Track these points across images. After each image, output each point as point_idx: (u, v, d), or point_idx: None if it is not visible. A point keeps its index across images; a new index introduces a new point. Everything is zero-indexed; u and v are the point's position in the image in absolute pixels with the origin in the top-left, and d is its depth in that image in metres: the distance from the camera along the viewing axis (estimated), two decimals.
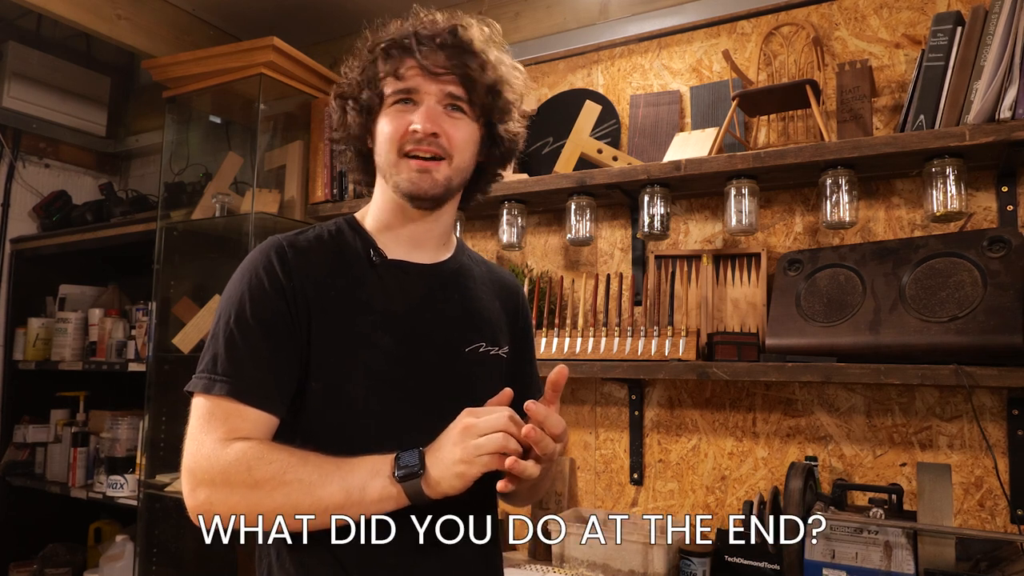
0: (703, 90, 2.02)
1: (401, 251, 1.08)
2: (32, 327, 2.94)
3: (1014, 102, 1.45)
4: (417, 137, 1.00)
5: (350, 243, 1.07)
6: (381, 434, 1.00)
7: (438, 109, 1.02)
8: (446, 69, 1.02)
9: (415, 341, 1.04)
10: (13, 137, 3.02)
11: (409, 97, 1.02)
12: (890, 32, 1.82)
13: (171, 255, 2.45)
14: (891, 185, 1.79)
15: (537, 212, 2.25)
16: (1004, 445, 1.60)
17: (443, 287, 1.10)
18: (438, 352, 1.06)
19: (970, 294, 1.48)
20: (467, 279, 1.15)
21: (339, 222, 1.11)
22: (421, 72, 1.01)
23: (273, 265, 1.00)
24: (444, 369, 1.06)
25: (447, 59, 1.02)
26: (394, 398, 1.01)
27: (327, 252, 1.05)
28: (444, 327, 1.08)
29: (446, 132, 1.02)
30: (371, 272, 1.05)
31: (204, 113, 2.67)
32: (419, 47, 1.01)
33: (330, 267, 1.03)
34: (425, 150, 1.01)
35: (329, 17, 2.54)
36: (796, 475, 1.47)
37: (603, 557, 1.78)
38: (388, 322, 1.03)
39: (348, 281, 1.03)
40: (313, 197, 2.42)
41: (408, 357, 1.03)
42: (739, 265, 1.91)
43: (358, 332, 1.01)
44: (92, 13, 2.29)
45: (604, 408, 2.09)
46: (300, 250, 1.03)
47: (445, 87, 1.02)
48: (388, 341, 1.02)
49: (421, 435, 1.01)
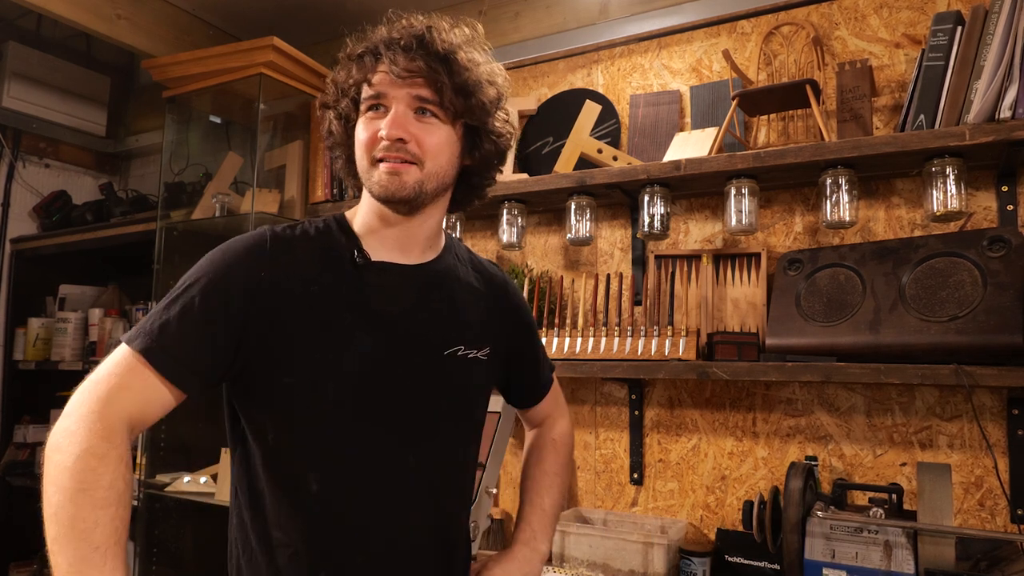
0: (703, 90, 2.02)
1: (386, 253, 1.08)
2: (32, 327, 2.94)
3: (1014, 101, 1.45)
4: (384, 144, 1.00)
5: (336, 242, 1.06)
6: (352, 434, 1.00)
7: (408, 114, 1.01)
8: (412, 72, 1.00)
9: (393, 343, 1.04)
10: (13, 137, 3.02)
11: (379, 103, 1.02)
12: (890, 32, 1.82)
13: (171, 255, 2.45)
14: (891, 185, 1.79)
15: (537, 212, 2.25)
16: (1004, 445, 1.60)
17: (425, 289, 1.10)
18: (416, 354, 1.06)
19: (970, 294, 1.48)
20: (451, 281, 1.14)
21: (328, 220, 1.10)
22: (389, 77, 1.01)
23: (249, 254, 1.00)
24: (421, 372, 1.06)
25: (413, 62, 1.01)
26: (368, 399, 1.01)
27: (312, 249, 1.04)
28: (424, 330, 1.07)
29: (415, 136, 1.01)
30: (354, 272, 1.04)
31: (204, 113, 2.67)
32: (387, 52, 1.01)
33: (313, 264, 1.02)
34: (394, 156, 1.00)
35: (329, 17, 2.54)
36: (796, 475, 1.47)
37: (603, 557, 1.78)
38: (367, 322, 1.02)
39: (329, 279, 1.02)
40: (313, 197, 2.42)
41: (385, 358, 1.03)
42: (739, 265, 1.91)
43: (335, 330, 1.00)
44: (92, 13, 2.29)
45: (604, 408, 2.09)
46: (284, 243, 1.02)
47: (412, 91, 1.01)
48: (366, 341, 1.01)
49: (392, 437, 1.02)
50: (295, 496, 0.98)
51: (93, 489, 0.83)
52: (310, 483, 0.98)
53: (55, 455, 0.85)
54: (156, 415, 0.94)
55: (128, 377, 0.91)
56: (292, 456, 0.99)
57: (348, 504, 0.99)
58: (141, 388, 0.91)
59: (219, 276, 0.97)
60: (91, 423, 0.86)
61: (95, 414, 0.87)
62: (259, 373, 0.98)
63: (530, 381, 1.32)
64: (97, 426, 0.86)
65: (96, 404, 0.88)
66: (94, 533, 0.82)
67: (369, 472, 1.01)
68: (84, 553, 0.81)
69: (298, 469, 0.98)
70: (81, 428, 0.86)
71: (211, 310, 0.95)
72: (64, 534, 0.81)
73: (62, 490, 0.83)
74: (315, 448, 0.99)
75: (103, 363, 0.93)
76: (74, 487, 0.82)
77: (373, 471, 1.01)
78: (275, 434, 0.98)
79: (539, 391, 1.33)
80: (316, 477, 0.98)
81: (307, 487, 0.98)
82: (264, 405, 0.99)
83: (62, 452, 0.85)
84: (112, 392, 0.90)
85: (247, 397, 1.01)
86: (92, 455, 0.84)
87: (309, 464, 0.98)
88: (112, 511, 0.84)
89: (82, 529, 0.81)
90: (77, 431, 0.86)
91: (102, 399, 0.89)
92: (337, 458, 0.99)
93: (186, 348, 0.93)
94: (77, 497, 0.82)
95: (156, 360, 0.91)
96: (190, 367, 0.94)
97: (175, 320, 0.93)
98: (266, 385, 0.98)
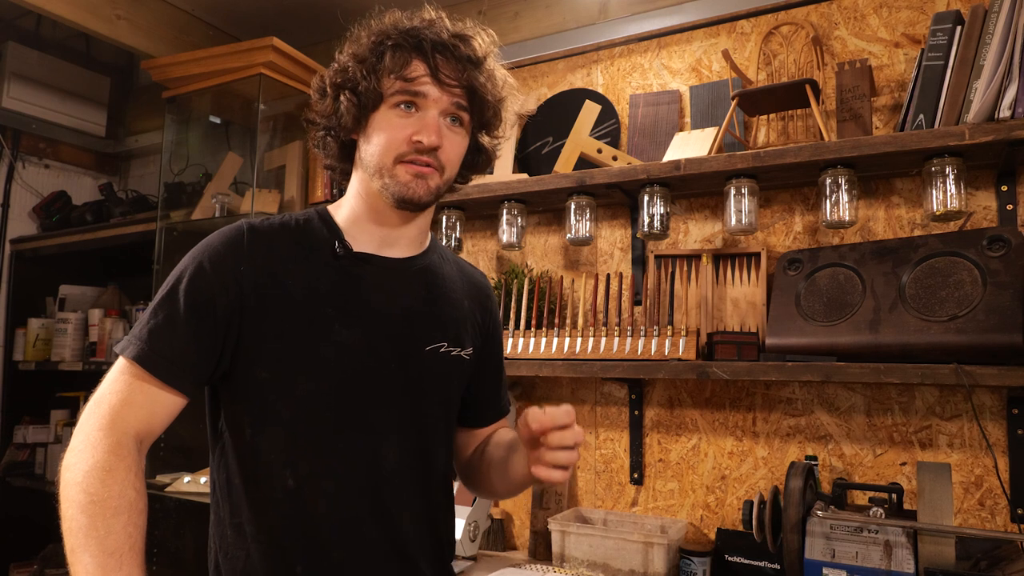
0: (703, 90, 2.02)
1: (369, 246, 1.06)
2: (32, 327, 2.94)
3: (1014, 101, 1.45)
4: (420, 148, 0.99)
5: (317, 233, 1.05)
6: (328, 429, 1.00)
7: (441, 121, 1.01)
8: (454, 81, 1.00)
9: (373, 336, 1.03)
10: (13, 137, 3.02)
11: (413, 101, 1.00)
12: (890, 31, 1.82)
13: (171, 255, 2.45)
14: (891, 184, 1.79)
15: (537, 212, 2.25)
16: (1004, 444, 1.60)
17: (408, 284, 1.08)
18: (395, 349, 1.04)
19: (970, 293, 1.48)
20: (435, 277, 1.13)
21: (309, 212, 1.09)
22: (431, 79, 1.00)
23: (227, 248, 1.00)
24: (399, 367, 1.04)
25: (456, 70, 1.00)
26: (346, 393, 1.00)
27: (290, 240, 1.03)
28: (404, 324, 1.06)
29: (444, 146, 1.01)
30: (334, 264, 1.03)
31: (204, 113, 2.67)
32: (432, 52, 0.99)
33: (291, 256, 1.02)
34: (424, 161, 1.00)
35: (328, 17, 2.54)
36: (796, 474, 1.47)
37: (603, 557, 1.78)
38: (345, 315, 1.01)
39: (308, 271, 1.01)
40: (312, 197, 2.42)
41: (364, 352, 1.02)
42: (739, 265, 1.91)
43: (313, 323, 1.00)
44: (91, 13, 2.29)
45: (604, 408, 2.09)
46: (261, 235, 1.02)
47: (452, 98, 1.01)
48: (344, 334, 1.00)
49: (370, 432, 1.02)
50: (271, 492, 0.98)
51: (103, 500, 0.85)
52: (286, 479, 0.98)
53: (66, 474, 0.88)
54: (163, 422, 0.96)
55: (129, 390, 0.93)
56: (269, 451, 0.98)
57: (324, 500, 0.99)
58: (143, 399, 0.93)
59: (199, 273, 0.97)
60: (97, 440, 0.89)
61: (102, 431, 0.90)
62: (237, 367, 0.99)
63: (493, 396, 1.26)
64: (103, 442, 0.89)
65: (101, 421, 0.91)
66: (107, 540, 0.83)
67: (346, 467, 1.00)
68: (100, 559, 0.82)
69: (275, 464, 0.98)
70: (88, 446, 0.88)
71: (195, 308, 0.96)
72: (80, 544, 0.83)
73: (74, 504, 0.85)
74: (291, 443, 0.98)
75: (104, 380, 0.95)
76: (85, 500, 0.85)
77: (350, 466, 1.00)
78: (252, 429, 0.98)
79: (500, 410, 1.28)
80: (292, 473, 0.98)
81: (283, 483, 0.98)
82: (241, 399, 0.99)
83: (72, 470, 0.87)
84: (115, 408, 0.92)
85: (225, 391, 1.01)
86: (100, 468, 0.87)
87: (285, 460, 0.98)
88: (124, 518, 0.85)
89: (96, 537, 0.83)
90: (85, 449, 0.88)
91: (106, 415, 0.91)
92: (314, 453, 0.99)
93: (179, 351, 0.94)
94: (88, 508, 0.84)
95: (151, 365, 0.93)
96: (185, 368, 0.95)
97: (163, 323, 0.95)
98: (243, 379, 0.99)
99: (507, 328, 2.02)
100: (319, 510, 0.99)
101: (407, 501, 1.05)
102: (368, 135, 1.03)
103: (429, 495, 1.09)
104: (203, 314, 0.96)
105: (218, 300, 0.96)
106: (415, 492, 1.06)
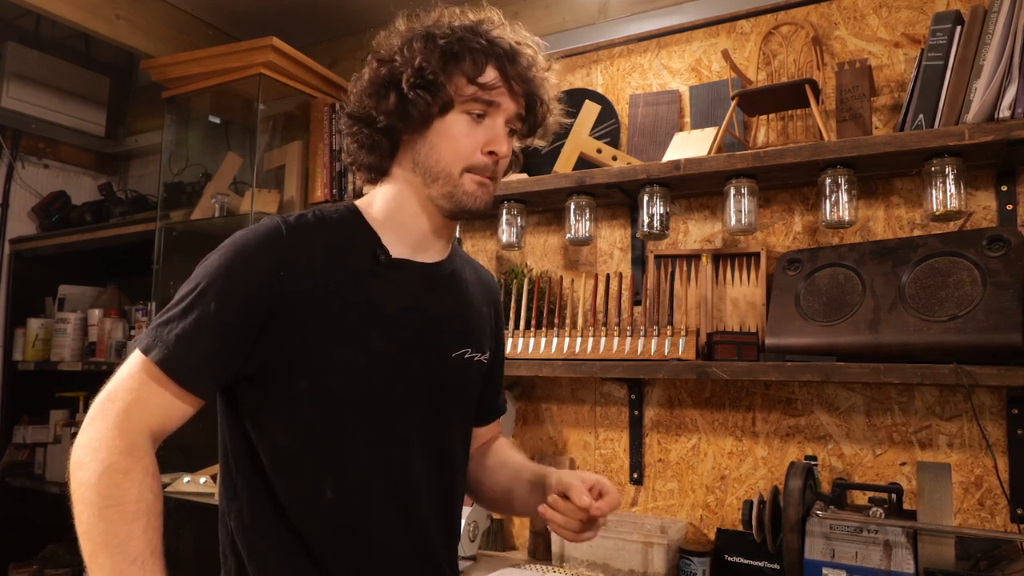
0: (702, 89, 2.02)
1: (404, 250, 1.04)
2: (31, 327, 2.94)
3: (1013, 101, 1.45)
4: (495, 159, 0.99)
5: (353, 236, 1.02)
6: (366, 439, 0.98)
7: (506, 131, 1.01)
8: (523, 90, 1.00)
9: (406, 344, 1.01)
10: (12, 137, 3.02)
11: (487, 111, 0.99)
12: (889, 31, 1.82)
13: (171, 255, 2.45)
14: (890, 184, 1.79)
15: (537, 212, 2.25)
16: (1004, 444, 1.60)
17: (438, 290, 1.07)
18: (426, 356, 1.04)
19: (969, 293, 1.48)
20: (460, 282, 1.12)
21: (341, 211, 1.04)
22: (505, 87, 0.98)
23: (265, 250, 0.95)
24: (429, 374, 1.04)
25: (526, 79, 1.00)
26: (378, 402, 0.99)
27: (329, 242, 0.99)
28: (435, 331, 1.05)
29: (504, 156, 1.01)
30: (373, 269, 1.00)
31: (203, 113, 2.67)
32: (506, 59, 0.98)
33: (330, 260, 0.98)
34: (491, 171, 1.00)
35: (328, 17, 2.54)
36: (796, 474, 1.47)
37: (603, 557, 1.78)
38: (382, 322, 1.00)
39: (347, 277, 0.98)
40: (312, 197, 2.42)
41: (397, 360, 1.00)
42: (738, 264, 1.91)
43: (352, 332, 0.97)
44: (91, 13, 2.29)
45: (604, 408, 2.09)
46: (300, 236, 0.97)
47: (518, 108, 1.01)
48: (380, 342, 0.99)
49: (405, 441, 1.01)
50: (309, 501, 0.96)
51: (121, 504, 0.83)
52: (325, 489, 0.96)
53: (78, 472, 0.85)
54: (176, 424, 0.93)
55: (146, 389, 0.90)
56: (306, 461, 0.96)
57: (364, 509, 0.98)
58: (160, 401, 0.90)
59: (236, 277, 0.93)
60: (112, 438, 0.86)
61: (116, 428, 0.87)
62: (272, 375, 0.95)
63: (494, 396, 1.26)
64: (118, 441, 0.86)
65: (116, 418, 0.87)
66: (128, 546, 0.82)
67: (380, 475, 0.99)
68: (122, 567, 0.81)
69: (313, 475, 0.96)
70: (102, 444, 0.85)
71: (229, 315, 0.91)
72: (99, 550, 0.82)
73: (90, 507, 0.83)
74: (329, 454, 0.97)
75: (119, 372, 0.91)
76: (101, 503, 0.83)
77: (384, 474, 0.99)
78: (287, 437, 0.96)
79: (498, 409, 1.28)
80: (331, 484, 0.96)
81: (322, 493, 0.96)
82: (275, 407, 0.96)
83: (84, 469, 0.85)
84: (131, 405, 0.89)
85: (253, 397, 0.97)
86: (116, 470, 0.84)
87: (324, 470, 0.96)
88: (144, 522, 0.84)
89: (116, 544, 0.82)
90: (99, 447, 0.85)
91: (121, 413, 0.88)
92: (352, 463, 0.97)
93: (205, 358, 0.91)
94: (106, 513, 0.82)
95: (176, 373, 0.90)
96: (210, 376, 0.93)
97: (191, 328, 0.90)
98: (279, 387, 0.95)
99: (507, 328, 2.02)
100: (358, 519, 0.97)
101: (434, 505, 1.05)
102: (429, 138, 1.00)
103: (451, 498, 1.10)
104: (235, 321, 0.92)
105: (253, 306, 0.92)
106: (440, 496, 1.06)
